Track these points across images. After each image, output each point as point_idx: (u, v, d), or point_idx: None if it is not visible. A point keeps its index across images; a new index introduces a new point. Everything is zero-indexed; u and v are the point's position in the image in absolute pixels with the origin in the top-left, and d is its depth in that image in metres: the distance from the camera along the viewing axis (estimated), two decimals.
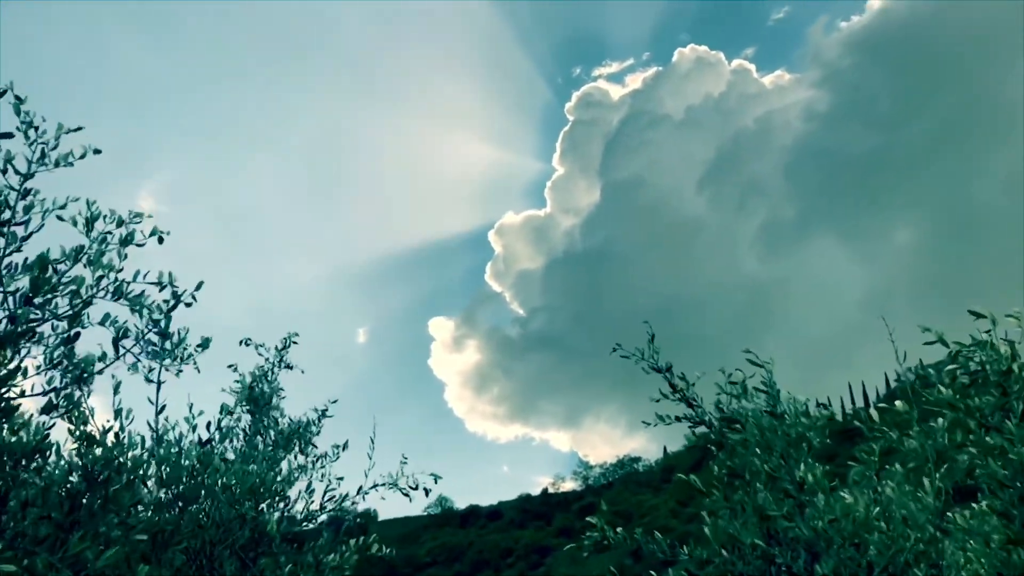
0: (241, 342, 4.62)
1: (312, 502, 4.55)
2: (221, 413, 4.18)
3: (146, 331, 3.43)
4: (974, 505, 3.81)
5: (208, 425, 4.15)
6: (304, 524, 4.39)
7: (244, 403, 4.35)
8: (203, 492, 4.00)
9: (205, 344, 4.27)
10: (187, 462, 3.89)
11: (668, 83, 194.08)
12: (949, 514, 3.56)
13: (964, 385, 3.43)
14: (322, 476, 4.64)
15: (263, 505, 4.37)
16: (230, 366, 4.64)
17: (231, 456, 4.26)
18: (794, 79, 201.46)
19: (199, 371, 4.20)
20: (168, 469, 3.87)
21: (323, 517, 4.74)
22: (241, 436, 4.41)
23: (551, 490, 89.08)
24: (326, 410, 4.64)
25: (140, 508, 3.55)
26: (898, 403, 3.76)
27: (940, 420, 3.78)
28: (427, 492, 4.51)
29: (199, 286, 3.43)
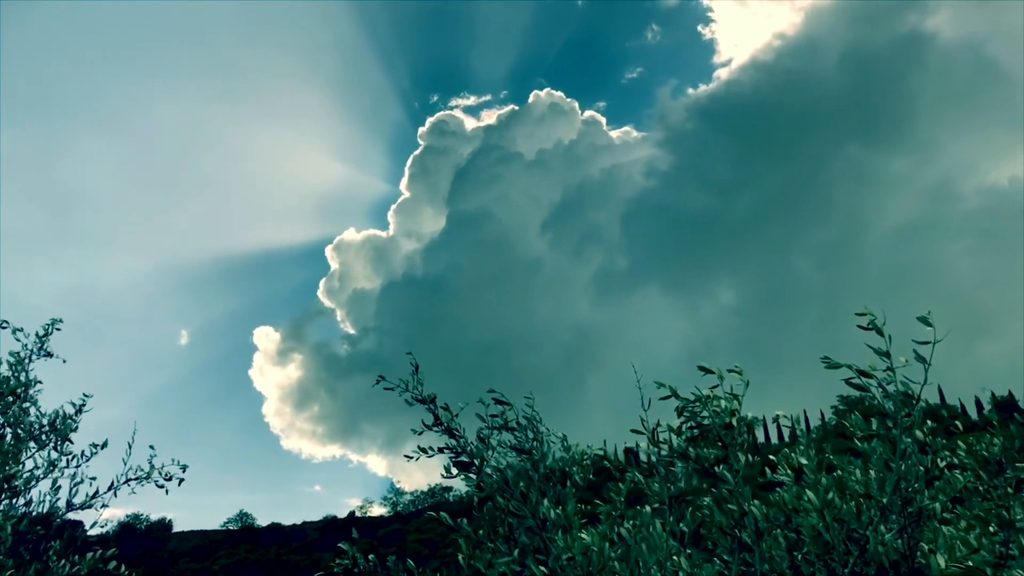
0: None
1: (57, 500, 4.25)
2: None
3: None
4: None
5: None
6: (38, 527, 4.07)
7: None
8: None
9: None
10: None
11: (522, 123, 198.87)
12: (674, 558, 3.68)
13: (692, 437, 3.58)
14: (76, 474, 4.35)
15: None
16: None
17: None
18: (640, 136, 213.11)
19: None
20: None
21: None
22: None
23: (358, 514, 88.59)
24: (83, 404, 4.35)
25: None
26: (641, 447, 3.89)
27: (680, 465, 3.94)
28: (180, 482, 4.41)
29: None
